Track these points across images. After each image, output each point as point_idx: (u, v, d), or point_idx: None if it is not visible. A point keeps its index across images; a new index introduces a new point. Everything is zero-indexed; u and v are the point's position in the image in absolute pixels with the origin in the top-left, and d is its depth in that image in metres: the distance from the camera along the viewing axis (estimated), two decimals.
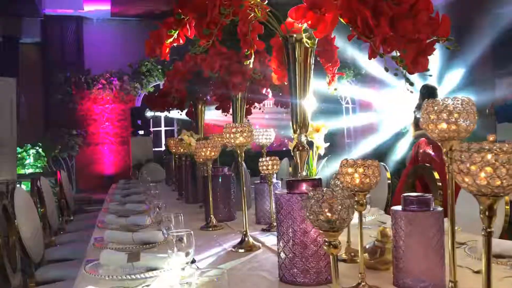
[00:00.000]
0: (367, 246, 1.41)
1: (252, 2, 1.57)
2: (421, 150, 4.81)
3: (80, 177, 8.81)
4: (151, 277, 1.39)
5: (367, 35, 1.37)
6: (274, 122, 8.12)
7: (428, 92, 4.81)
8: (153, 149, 8.52)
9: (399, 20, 1.40)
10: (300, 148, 1.73)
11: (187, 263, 1.30)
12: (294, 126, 1.74)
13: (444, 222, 1.18)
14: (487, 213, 0.79)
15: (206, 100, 3.70)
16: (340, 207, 0.88)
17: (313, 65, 1.74)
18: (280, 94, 3.02)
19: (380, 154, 7.43)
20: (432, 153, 4.70)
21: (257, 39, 1.76)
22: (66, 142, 8.52)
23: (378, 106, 9.00)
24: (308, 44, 1.38)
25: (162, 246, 1.83)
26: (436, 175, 2.97)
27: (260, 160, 2.07)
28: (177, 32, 1.51)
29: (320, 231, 0.92)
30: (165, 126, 9.50)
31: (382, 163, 3.63)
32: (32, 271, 2.62)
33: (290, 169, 5.24)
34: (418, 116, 4.83)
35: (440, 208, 1.19)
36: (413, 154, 4.94)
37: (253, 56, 1.83)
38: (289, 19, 1.59)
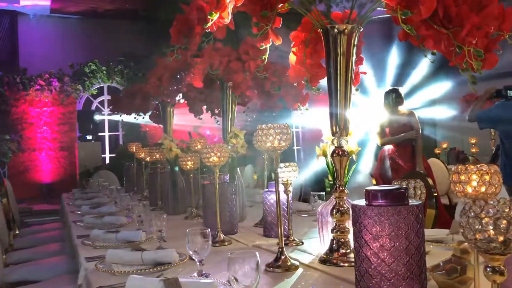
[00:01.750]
0: (441, 264, 1.25)
1: None
2: (388, 157, 4.81)
3: (13, 186, 8.05)
4: None
5: (446, 26, 1.22)
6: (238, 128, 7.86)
7: (394, 95, 4.83)
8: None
9: (475, 9, 1.27)
10: (340, 152, 1.56)
11: None
12: (334, 128, 1.57)
13: None
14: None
15: (175, 101, 3.43)
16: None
17: (355, 60, 1.57)
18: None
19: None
20: (400, 161, 4.71)
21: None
22: None
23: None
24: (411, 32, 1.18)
25: (176, 267, 1.58)
26: (430, 181, 2.91)
27: (280, 167, 1.86)
28: (217, 15, 1.27)
29: (483, 254, 0.74)
30: (109, 131, 8.95)
31: None
32: None
33: (255, 176, 5.04)
34: (385, 124, 4.82)
35: None
36: (379, 161, 4.93)
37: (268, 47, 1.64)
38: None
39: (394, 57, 9.08)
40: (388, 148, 4.83)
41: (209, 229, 1.47)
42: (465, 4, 1.21)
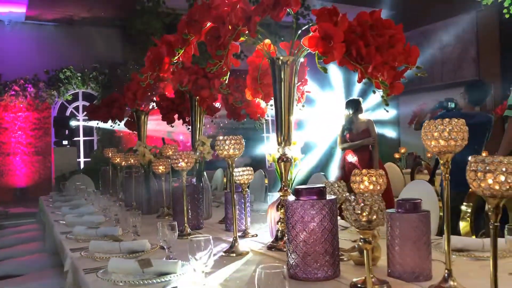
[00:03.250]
0: (356, 246, 1.61)
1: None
2: (347, 163, 5.23)
3: None
4: (166, 281, 1.46)
5: (359, 62, 1.58)
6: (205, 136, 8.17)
7: (354, 104, 5.25)
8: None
9: (382, 49, 1.63)
10: (284, 159, 1.91)
11: (206, 266, 1.40)
12: (279, 139, 1.91)
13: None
14: (494, 210, 1.02)
15: (149, 110, 3.74)
16: (377, 209, 1.06)
17: (297, 84, 1.93)
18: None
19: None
20: (357, 163, 5.13)
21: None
22: None
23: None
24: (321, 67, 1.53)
25: (148, 254, 1.89)
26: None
27: (236, 170, 2.19)
28: (182, 50, 1.60)
29: (357, 230, 1.09)
30: (83, 137, 9.14)
31: (322, 173, 3.92)
32: None
33: (225, 179, 5.37)
34: (346, 128, 5.24)
35: (427, 210, 1.42)
36: (341, 167, 5.34)
37: (228, 74, 1.99)
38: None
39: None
40: (348, 155, 5.25)
41: (176, 222, 1.80)
42: (373, 46, 1.58)
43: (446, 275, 1.26)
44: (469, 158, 1.05)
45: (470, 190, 2.35)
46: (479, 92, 3.58)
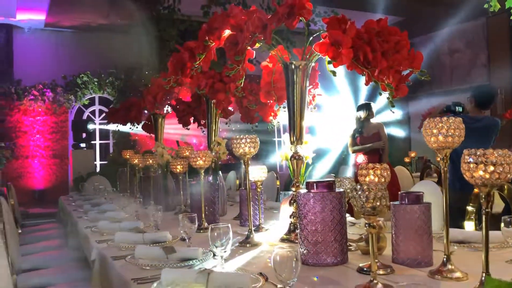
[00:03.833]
0: (363, 237, 1.74)
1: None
2: (358, 162, 5.36)
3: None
4: (189, 265, 1.60)
5: (366, 66, 1.72)
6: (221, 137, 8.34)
7: (366, 108, 5.39)
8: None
9: (387, 54, 1.76)
10: (297, 157, 2.05)
11: (225, 252, 1.54)
12: (292, 138, 2.05)
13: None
14: (486, 198, 1.14)
15: (165, 113, 3.91)
16: (380, 195, 1.19)
17: (309, 86, 2.07)
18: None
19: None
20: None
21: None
22: None
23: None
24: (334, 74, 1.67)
25: (170, 244, 2.04)
26: None
27: (251, 168, 2.33)
28: (203, 55, 1.75)
29: (363, 216, 1.22)
30: (100, 140, 9.36)
31: (333, 174, 4.04)
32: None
33: (237, 181, 5.52)
34: (357, 131, 5.37)
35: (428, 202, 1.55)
36: (356, 168, 5.48)
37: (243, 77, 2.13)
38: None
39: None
40: (358, 157, 5.38)
41: (196, 215, 1.94)
42: (379, 51, 1.71)
43: (444, 259, 1.38)
44: (464, 151, 1.18)
45: (474, 190, 2.47)
46: (487, 96, 3.68)
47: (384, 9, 7.68)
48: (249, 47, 1.82)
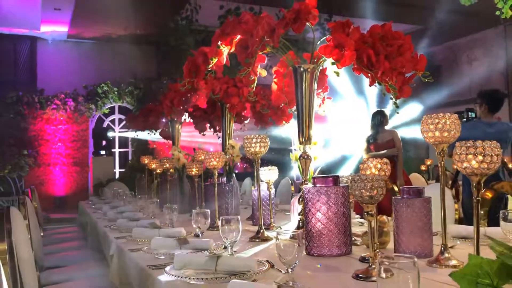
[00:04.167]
0: (368, 231, 1.81)
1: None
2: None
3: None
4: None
5: (370, 68, 1.80)
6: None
7: (380, 116, 5.45)
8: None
9: (390, 57, 1.85)
10: (305, 156, 2.13)
11: (235, 241, 1.63)
12: (300, 139, 2.14)
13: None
14: (477, 186, 1.22)
15: (182, 120, 4.02)
16: (377, 185, 1.28)
17: (318, 90, 2.16)
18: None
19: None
20: None
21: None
22: (16, 162, 8.38)
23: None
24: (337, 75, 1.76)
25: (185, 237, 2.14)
26: (396, 188, 3.45)
27: (262, 169, 2.43)
28: (216, 59, 1.86)
29: (362, 204, 1.30)
30: (119, 148, 9.58)
31: None
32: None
33: (252, 187, 5.62)
34: (371, 138, 5.42)
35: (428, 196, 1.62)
36: None
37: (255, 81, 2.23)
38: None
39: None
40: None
41: (209, 211, 2.04)
42: (382, 54, 1.80)
43: (442, 248, 1.45)
44: (456, 144, 1.26)
45: (486, 195, 2.52)
46: (496, 99, 3.72)
47: (403, 18, 7.74)
48: (259, 52, 1.92)
